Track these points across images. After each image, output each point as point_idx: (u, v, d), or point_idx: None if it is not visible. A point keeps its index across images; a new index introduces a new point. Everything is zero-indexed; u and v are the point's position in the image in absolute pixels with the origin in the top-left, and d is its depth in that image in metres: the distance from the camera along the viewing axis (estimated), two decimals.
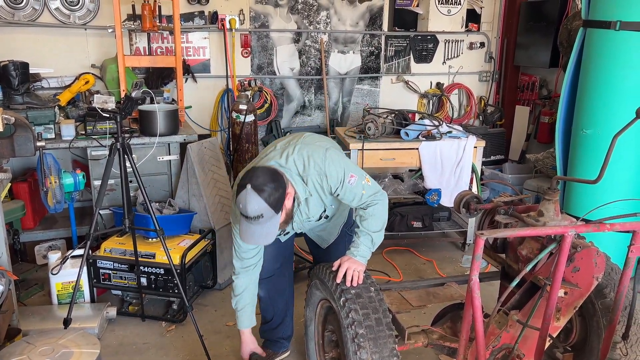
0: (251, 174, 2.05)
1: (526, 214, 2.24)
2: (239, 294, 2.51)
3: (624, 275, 1.79)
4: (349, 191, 2.25)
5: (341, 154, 2.35)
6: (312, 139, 2.37)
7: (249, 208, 1.98)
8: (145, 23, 3.91)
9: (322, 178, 2.23)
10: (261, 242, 2.18)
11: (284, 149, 2.27)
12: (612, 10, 3.25)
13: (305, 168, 2.21)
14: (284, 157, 2.23)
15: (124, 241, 3.24)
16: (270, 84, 4.97)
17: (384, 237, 2.35)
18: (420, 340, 2.32)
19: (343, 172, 2.23)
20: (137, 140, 3.50)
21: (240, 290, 2.50)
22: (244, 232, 2.11)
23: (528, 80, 5.40)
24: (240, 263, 2.45)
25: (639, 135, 3.29)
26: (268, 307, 2.68)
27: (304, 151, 2.23)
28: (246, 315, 2.56)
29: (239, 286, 2.49)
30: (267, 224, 2.06)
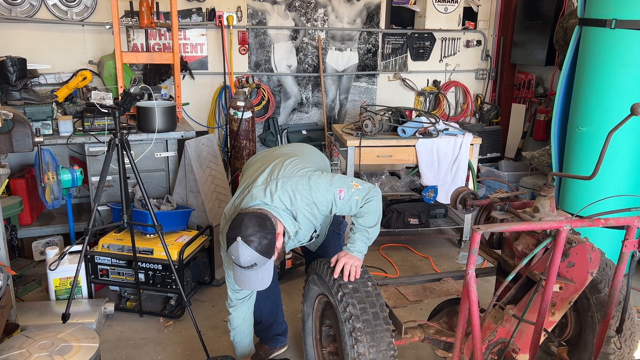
0: (239, 224, 2.02)
1: (522, 210, 2.26)
2: (237, 327, 2.51)
3: (618, 270, 1.81)
4: (342, 206, 2.24)
5: (324, 175, 2.26)
6: (292, 167, 2.28)
7: (241, 260, 2.00)
8: (142, 19, 3.92)
9: (311, 207, 2.21)
10: (258, 287, 2.14)
11: (266, 185, 2.22)
12: (608, 9, 3.28)
13: (293, 202, 2.19)
14: (268, 195, 2.19)
15: (122, 237, 3.25)
16: (267, 81, 4.98)
17: (381, 233, 2.34)
18: (417, 335, 2.34)
19: (332, 195, 2.20)
20: (135, 136, 3.51)
21: (238, 323, 2.49)
22: (240, 280, 2.11)
23: (524, 78, 5.43)
24: (235, 295, 2.43)
25: (633, 132, 3.32)
26: (256, 310, 2.66)
27: (287, 186, 2.20)
28: (244, 346, 2.58)
29: (236, 319, 2.48)
30: (261, 270, 2.07)
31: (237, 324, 2.50)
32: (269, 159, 2.41)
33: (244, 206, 2.22)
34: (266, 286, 2.14)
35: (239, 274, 2.08)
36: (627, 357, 2.28)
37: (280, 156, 2.40)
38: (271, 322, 2.77)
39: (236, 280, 2.14)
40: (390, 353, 2.01)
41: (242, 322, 2.51)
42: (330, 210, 2.26)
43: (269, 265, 2.10)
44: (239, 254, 1.98)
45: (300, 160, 2.36)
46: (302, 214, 2.22)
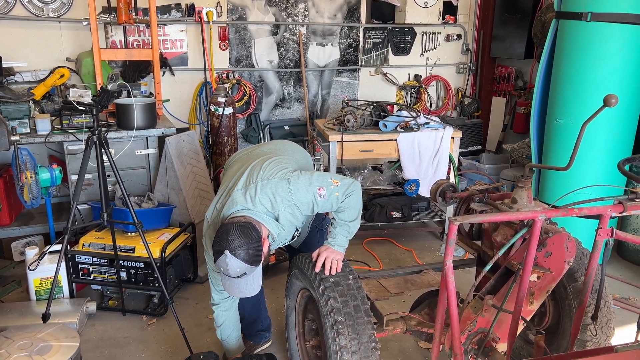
0: (225, 237, 2.02)
1: (500, 202, 2.29)
2: (222, 324, 2.52)
3: (592, 258, 1.85)
4: (323, 204, 2.24)
5: (302, 174, 2.25)
6: (271, 169, 2.27)
7: (230, 271, 2.02)
8: (120, 16, 3.87)
9: (292, 209, 2.22)
10: (248, 294, 2.16)
11: (246, 189, 2.22)
12: (583, 2, 3.32)
13: (274, 205, 2.19)
14: (249, 199, 2.19)
15: (103, 236, 3.22)
16: (249, 76, 4.96)
17: (364, 227, 2.35)
18: (399, 327, 2.36)
19: (312, 194, 2.21)
20: (114, 134, 3.48)
21: (222, 321, 2.51)
22: (229, 288, 2.12)
23: (504, 71, 5.48)
24: (218, 295, 2.45)
25: (608, 123, 3.38)
26: (238, 307, 2.66)
27: (267, 189, 2.19)
28: (232, 343, 2.59)
29: (220, 317, 2.50)
30: (250, 278, 2.08)
31: (221, 321, 2.51)
32: (248, 159, 2.41)
33: (225, 211, 2.21)
34: (256, 292, 2.15)
35: (228, 282, 2.09)
36: (604, 344, 2.33)
37: (260, 156, 2.40)
38: (254, 317, 2.78)
39: (226, 288, 2.14)
40: (372, 345, 2.03)
41: (227, 319, 2.52)
42: (311, 210, 2.26)
43: (258, 272, 2.12)
44: (228, 266, 2.00)
45: (280, 160, 2.35)
46: (284, 215, 2.22)
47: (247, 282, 2.08)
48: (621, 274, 3.75)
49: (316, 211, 2.29)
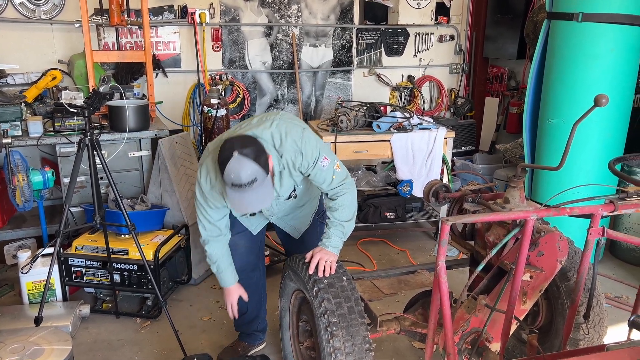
0: (232, 143, 1.98)
1: (493, 201, 2.30)
2: (216, 261, 2.44)
3: (584, 257, 1.86)
4: (320, 173, 2.25)
5: (317, 137, 2.33)
6: (290, 118, 2.32)
7: (242, 175, 1.92)
8: (113, 18, 3.86)
9: (296, 155, 2.20)
10: (259, 207, 2.13)
11: (260, 123, 2.24)
12: (575, 3, 3.35)
13: (282, 143, 2.19)
14: (261, 129, 2.19)
15: (96, 238, 3.21)
16: (242, 78, 4.95)
17: (358, 228, 2.36)
18: (393, 327, 2.37)
19: (318, 153, 2.23)
20: (107, 136, 3.46)
21: (216, 258, 2.44)
22: (238, 203, 2.05)
23: (497, 72, 5.50)
24: (206, 233, 2.38)
25: (600, 122, 3.40)
26: (243, 301, 2.67)
27: (282, 127, 2.21)
28: (229, 274, 2.49)
29: (214, 254, 2.43)
30: (260, 188, 2.01)
31: (216, 257, 2.44)
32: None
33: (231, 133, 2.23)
34: (268, 204, 2.11)
35: (238, 196, 2.00)
36: (597, 342, 2.34)
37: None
38: (255, 315, 2.78)
39: (235, 204, 2.08)
40: (366, 346, 2.03)
41: (221, 256, 2.45)
42: (307, 169, 2.24)
43: (268, 182, 2.05)
44: (239, 169, 1.92)
45: (297, 118, 2.40)
46: (286, 159, 2.21)
47: (259, 192, 2.00)
48: (614, 273, 3.77)
49: (311, 176, 2.27)
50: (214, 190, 2.24)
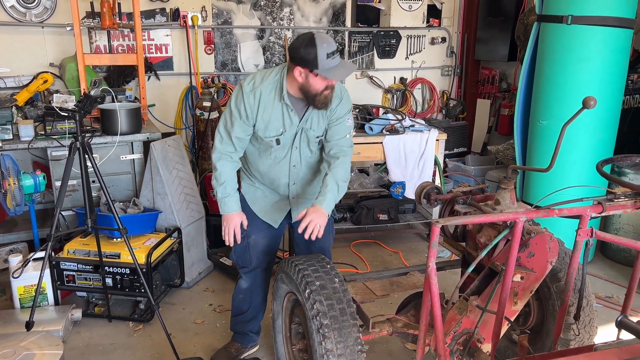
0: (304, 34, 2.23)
1: (484, 203, 2.31)
2: (225, 181, 2.41)
3: (573, 258, 1.87)
4: (342, 126, 2.45)
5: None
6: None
7: (331, 41, 2.20)
8: (104, 21, 3.85)
9: (336, 99, 2.39)
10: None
11: None
12: (564, 5, 3.38)
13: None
14: None
15: (88, 242, 3.19)
16: (235, 80, 4.96)
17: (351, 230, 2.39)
18: (385, 329, 2.37)
19: (350, 108, 2.48)
20: (99, 139, 3.45)
21: (225, 178, 2.41)
22: (335, 69, 2.20)
23: (488, 74, 5.53)
24: (223, 147, 2.41)
25: (590, 124, 3.43)
26: (246, 299, 2.68)
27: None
28: (234, 200, 2.46)
29: (224, 173, 2.41)
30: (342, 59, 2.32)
31: (225, 177, 2.42)
32: None
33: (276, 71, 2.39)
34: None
35: (332, 64, 2.19)
36: (587, 343, 2.36)
37: None
38: (254, 314, 2.79)
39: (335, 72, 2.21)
40: (358, 348, 2.03)
41: (230, 178, 2.43)
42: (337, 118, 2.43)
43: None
44: (326, 38, 2.19)
45: None
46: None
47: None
48: (605, 273, 3.80)
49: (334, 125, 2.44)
50: (254, 94, 2.32)
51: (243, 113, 2.33)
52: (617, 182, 1.72)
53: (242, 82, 2.38)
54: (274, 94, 2.33)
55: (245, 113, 2.33)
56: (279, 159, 2.48)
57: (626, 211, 1.82)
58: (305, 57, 2.17)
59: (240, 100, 2.33)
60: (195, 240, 3.67)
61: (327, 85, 2.26)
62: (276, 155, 2.47)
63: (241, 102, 2.32)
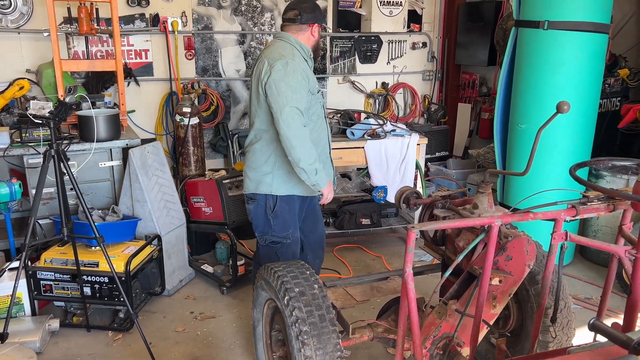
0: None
1: (462, 207, 2.32)
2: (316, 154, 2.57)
3: (549, 261, 1.89)
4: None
5: None
6: None
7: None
8: (82, 26, 3.81)
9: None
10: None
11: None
12: (540, 11, 3.42)
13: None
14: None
15: (66, 251, 3.14)
16: (216, 86, 4.93)
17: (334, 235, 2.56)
18: (366, 334, 2.37)
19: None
20: (76, 146, 3.41)
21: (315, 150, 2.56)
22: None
23: (469, 78, 5.58)
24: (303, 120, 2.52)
25: (567, 127, 3.47)
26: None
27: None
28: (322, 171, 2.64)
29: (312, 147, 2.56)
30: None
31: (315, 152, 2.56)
32: None
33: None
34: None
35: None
36: (565, 344, 2.38)
37: None
38: None
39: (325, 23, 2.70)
40: (337, 354, 2.02)
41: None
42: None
43: None
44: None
45: None
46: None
47: None
48: (584, 275, 3.84)
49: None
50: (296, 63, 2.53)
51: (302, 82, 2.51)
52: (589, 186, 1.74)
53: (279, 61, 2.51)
54: (303, 59, 2.63)
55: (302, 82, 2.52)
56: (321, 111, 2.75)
57: (599, 214, 1.84)
58: (319, 14, 2.67)
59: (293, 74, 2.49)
60: (176, 247, 3.64)
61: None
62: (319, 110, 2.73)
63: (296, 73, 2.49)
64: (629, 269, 1.78)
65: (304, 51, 2.65)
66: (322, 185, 2.63)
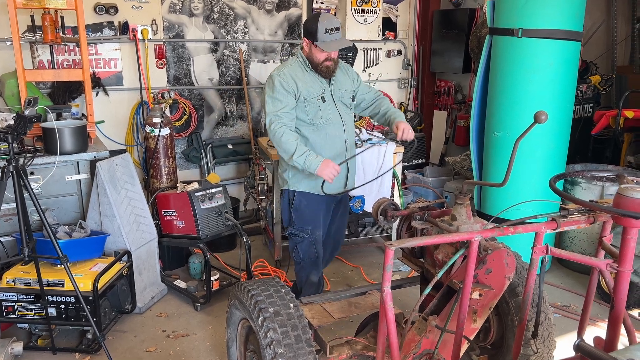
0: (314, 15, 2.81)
1: (440, 219, 2.27)
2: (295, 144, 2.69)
3: (530, 276, 1.84)
4: (363, 83, 3.11)
5: None
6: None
7: (333, 20, 2.76)
8: (46, 35, 3.66)
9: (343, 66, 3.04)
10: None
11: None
12: (514, 19, 3.42)
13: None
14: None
15: (29, 270, 2.99)
16: (188, 95, 4.82)
17: None
18: (344, 352, 2.29)
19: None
20: (41, 159, 3.26)
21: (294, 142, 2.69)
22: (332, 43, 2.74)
23: (444, 85, 5.58)
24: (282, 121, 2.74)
25: (544, 136, 3.47)
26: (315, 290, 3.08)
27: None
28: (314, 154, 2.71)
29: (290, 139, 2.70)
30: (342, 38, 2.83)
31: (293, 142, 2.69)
32: None
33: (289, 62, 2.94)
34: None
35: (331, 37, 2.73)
36: (546, 357, 2.34)
37: None
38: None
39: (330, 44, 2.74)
40: None
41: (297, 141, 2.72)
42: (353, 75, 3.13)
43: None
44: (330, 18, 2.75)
45: None
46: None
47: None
48: (562, 282, 3.84)
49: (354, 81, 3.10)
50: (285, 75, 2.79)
51: (282, 91, 2.75)
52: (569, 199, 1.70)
53: (272, 74, 2.85)
54: (301, 69, 2.84)
55: (285, 90, 2.75)
56: (330, 120, 2.88)
57: (579, 226, 1.80)
58: (309, 30, 2.75)
59: (276, 84, 2.76)
60: (147, 263, 3.51)
61: (327, 57, 2.78)
62: (329, 116, 2.87)
63: (278, 85, 2.76)
64: (610, 282, 1.74)
65: (304, 62, 2.85)
66: (312, 168, 2.69)
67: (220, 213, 3.56)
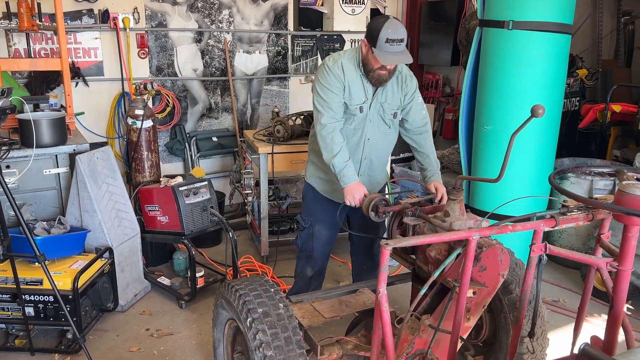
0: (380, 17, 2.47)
1: (433, 215, 2.22)
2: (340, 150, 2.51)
3: (527, 275, 1.80)
4: (416, 102, 2.73)
5: None
6: None
7: (399, 30, 2.39)
8: (22, 22, 3.51)
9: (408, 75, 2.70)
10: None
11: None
12: (505, 10, 3.36)
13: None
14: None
15: (5, 268, 2.86)
16: (172, 86, 4.69)
17: None
18: (335, 352, 2.23)
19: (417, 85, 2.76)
20: (17, 152, 3.13)
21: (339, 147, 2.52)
22: (390, 56, 2.41)
23: (432, 78, 5.53)
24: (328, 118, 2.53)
25: (535, 131, 3.42)
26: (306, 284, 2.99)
27: None
28: (352, 170, 2.55)
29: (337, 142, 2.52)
30: (404, 49, 2.45)
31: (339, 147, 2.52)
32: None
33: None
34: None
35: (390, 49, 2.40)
36: (540, 355, 2.31)
37: None
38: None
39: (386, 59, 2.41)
40: None
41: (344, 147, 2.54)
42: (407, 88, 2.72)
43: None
44: (397, 26, 2.39)
45: None
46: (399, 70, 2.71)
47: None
48: (550, 276, 3.83)
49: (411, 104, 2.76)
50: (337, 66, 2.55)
51: (333, 83, 2.53)
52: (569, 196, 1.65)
53: (325, 61, 2.62)
54: (354, 67, 2.58)
55: (335, 83, 2.53)
56: (355, 132, 2.66)
57: (578, 224, 1.76)
58: (371, 33, 2.44)
59: (327, 74, 2.55)
60: (129, 259, 3.41)
61: (382, 66, 2.49)
62: (355, 127, 2.65)
63: (329, 74, 2.54)
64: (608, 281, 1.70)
65: (359, 61, 2.60)
66: (344, 180, 2.55)
67: (205, 208, 3.47)
